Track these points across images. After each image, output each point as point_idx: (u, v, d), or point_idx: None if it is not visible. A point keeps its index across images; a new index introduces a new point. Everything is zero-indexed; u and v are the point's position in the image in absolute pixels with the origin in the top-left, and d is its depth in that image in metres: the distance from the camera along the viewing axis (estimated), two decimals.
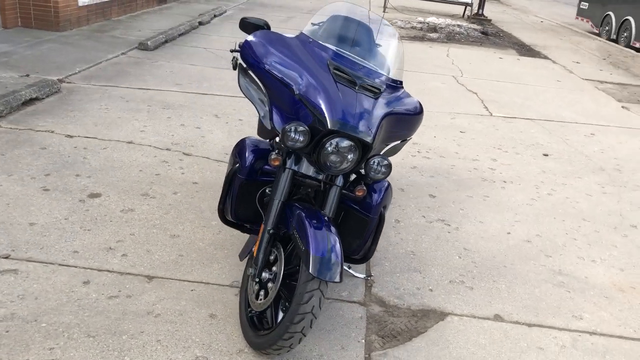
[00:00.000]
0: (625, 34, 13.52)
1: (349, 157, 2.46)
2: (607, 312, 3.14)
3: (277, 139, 2.55)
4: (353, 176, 2.74)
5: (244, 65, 2.75)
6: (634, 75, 10.25)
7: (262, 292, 2.54)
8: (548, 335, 2.90)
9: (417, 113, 2.82)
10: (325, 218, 2.48)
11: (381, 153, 2.87)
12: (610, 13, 14.40)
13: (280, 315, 2.51)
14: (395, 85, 2.70)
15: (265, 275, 2.53)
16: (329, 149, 2.43)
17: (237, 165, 2.77)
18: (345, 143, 2.43)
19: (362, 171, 2.62)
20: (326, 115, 2.40)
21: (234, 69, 2.88)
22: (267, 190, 2.76)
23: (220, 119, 5.60)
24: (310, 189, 2.75)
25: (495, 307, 3.09)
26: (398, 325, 2.88)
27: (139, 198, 3.85)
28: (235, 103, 6.13)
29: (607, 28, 14.58)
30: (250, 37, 2.73)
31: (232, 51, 2.90)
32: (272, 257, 2.55)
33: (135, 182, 4.08)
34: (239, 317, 2.72)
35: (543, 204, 4.45)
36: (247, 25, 2.88)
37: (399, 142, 3.00)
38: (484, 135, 5.90)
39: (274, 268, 2.52)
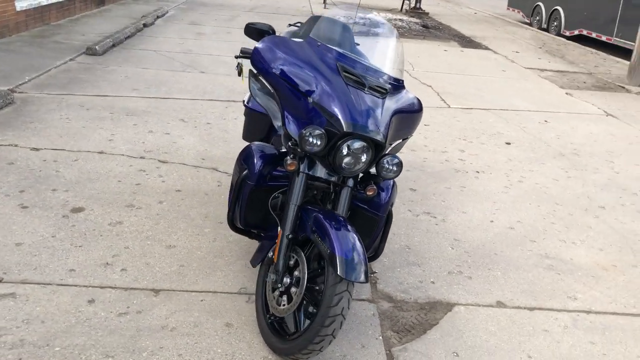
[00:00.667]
0: (555, 23, 14.18)
1: (362, 157, 2.49)
2: (597, 291, 3.32)
3: (290, 144, 2.55)
4: (360, 175, 2.77)
5: (255, 72, 2.73)
6: (569, 62, 10.77)
7: (284, 298, 2.54)
8: (550, 318, 3.04)
9: (418, 110, 2.88)
10: (342, 219, 2.51)
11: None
12: (540, 3, 15.05)
13: (303, 319, 2.52)
14: (397, 84, 2.75)
15: (286, 280, 2.53)
16: (344, 151, 2.45)
17: (246, 171, 2.75)
18: (359, 144, 2.46)
19: (372, 171, 2.66)
20: (341, 118, 2.42)
21: (239, 75, 2.85)
22: (276, 195, 2.76)
23: (188, 123, 5.50)
24: (317, 192, 2.77)
25: (495, 294, 3.21)
26: (409, 319, 2.95)
27: (124, 210, 3.75)
28: (199, 106, 6.04)
29: (537, 18, 15.23)
30: (260, 44, 2.71)
31: (236, 57, 2.87)
32: (291, 262, 2.55)
33: (116, 193, 3.97)
34: (258, 324, 2.71)
35: (517, 191, 4.63)
36: (252, 31, 2.86)
37: (400, 140, 3.07)
38: (447, 127, 6.07)
39: (295, 273, 2.52)
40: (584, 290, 3.32)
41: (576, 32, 13.13)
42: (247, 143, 4.23)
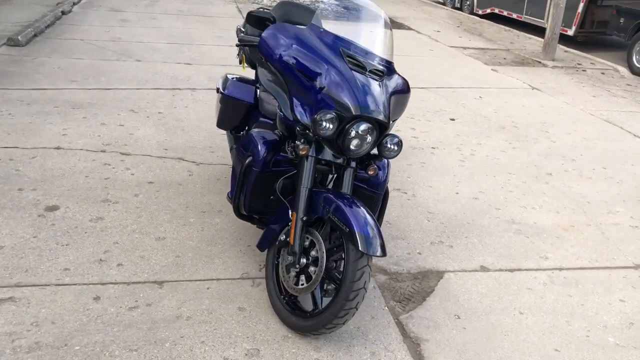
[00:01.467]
0: (468, 2, 14.79)
1: (368, 138, 2.61)
2: (563, 250, 3.65)
3: (299, 128, 2.62)
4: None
5: (262, 59, 2.76)
6: (487, 39, 11.34)
7: (302, 278, 2.63)
8: (529, 277, 3.32)
9: (408, 91, 3.02)
10: (350, 197, 2.62)
11: None
12: None
13: (320, 295, 2.63)
14: (390, 66, 2.87)
15: (303, 261, 2.62)
16: (353, 133, 2.56)
17: (250, 158, 2.80)
18: (365, 126, 2.57)
19: (374, 151, 2.78)
20: (349, 102, 2.52)
21: (240, 63, 2.86)
22: (283, 179, 2.82)
23: (139, 113, 5.37)
24: (318, 174, 2.86)
25: (477, 260, 3.45)
26: (407, 289, 3.12)
27: (101, 205, 3.67)
28: (145, 95, 5.90)
29: None
30: (266, 32, 2.75)
31: (237, 46, 2.87)
32: (306, 243, 2.64)
33: (87, 189, 3.86)
34: (273, 306, 2.78)
35: (471, 163, 4.92)
36: (254, 19, 2.87)
37: (392, 121, 3.20)
38: None
39: (312, 252, 2.61)
40: (552, 250, 3.63)
41: (488, 11, 13.79)
42: (222, 131, 4.26)
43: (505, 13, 13.16)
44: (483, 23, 13.23)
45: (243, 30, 3.91)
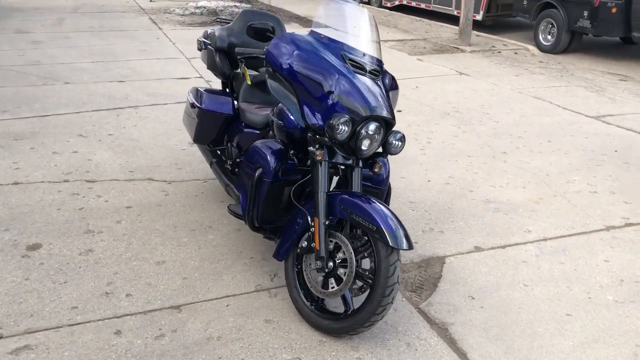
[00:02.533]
0: None
1: (376, 137, 2.68)
2: (541, 222, 3.89)
3: (310, 135, 2.65)
4: None
5: (271, 70, 2.75)
6: (404, 31, 11.73)
7: (331, 281, 2.66)
8: (521, 251, 3.52)
9: (397, 87, 3.12)
10: (365, 196, 2.68)
11: None
12: None
13: (349, 295, 2.67)
14: (382, 65, 2.95)
15: (330, 264, 2.65)
16: (363, 133, 2.62)
17: (260, 170, 2.80)
18: (373, 125, 2.64)
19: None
20: (358, 104, 2.58)
21: (242, 76, 2.85)
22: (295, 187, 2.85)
23: (89, 137, 5.16)
24: None
25: (470, 241, 3.62)
26: (416, 278, 3.23)
27: (85, 237, 3.51)
28: (88, 118, 5.66)
29: None
30: (272, 45, 2.76)
31: (240, 61, 2.84)
32: (330, 247, 2.67)
33: (64, 222, 3.68)
34: (300, 313, 2.79)
35: (431, 151, 5.12)
36: (253, 31, 2.85)
37: None
38: None
39: (339, 254, 2.65)
40: (531, 223, 3.87)
41: (397, 2, 14.24)
42: (184, 147, 4.18)
43: (413, 4, 13.64)
44: (394, 15, 13.66)
45: (207, 40, 3.87)
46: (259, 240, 3.49)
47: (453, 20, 12.23)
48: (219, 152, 3.81)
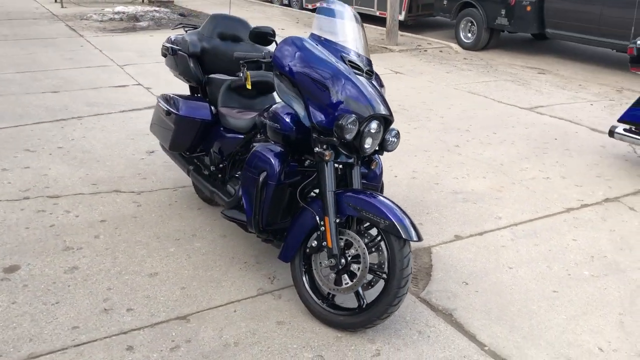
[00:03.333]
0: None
1: (377, 135, 2.77)
2: (508, 208, 4.13)
3: (315, 135, 2.70)
4: None
5: (278, 73, 2.76)
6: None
7: (344, 277, 2.72)
8: (497, 237, 3.73)
9: (383, 86, 3.22)
10: (369, 192, 2.77)
11: None
12: None
13: (360, 290, 2.74)
14: (370, 65, 3.04)
15: (343, 261, 2.70)
16: (367, 132, 2.70)
17: (264, 174, 2.81)
18: (375, 124, 2.73)
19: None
20: (362, 104, 2.66)
21: (244, 81, 2.83)
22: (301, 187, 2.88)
23: (37, 152, 4.91)
24: None
25: (449, 231, 3.78)
26: None
27: (65, 254, 3.36)
28: (30, 132, 5.38)
29: None
30: (278, 49, 2.78)
31: (242, 65, 2.81)
32: (341, 244, 2.73)
33: (37, 241, 3.50)
34: (311, 311, 2.83)
35: None
36: (255, 35, 2.83)
37: None
38: None
39: (351, 250, 2.71)
40: (499, 210, 4.10)
41: (317, 5, 14.41)
42: (142, 155, 4.09)
43: None
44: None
45: (176, 46, 3.81)
46: (249, 245, 3.48)
47: (375, 20, 12.58)
48: (196, 160, 3.76)
